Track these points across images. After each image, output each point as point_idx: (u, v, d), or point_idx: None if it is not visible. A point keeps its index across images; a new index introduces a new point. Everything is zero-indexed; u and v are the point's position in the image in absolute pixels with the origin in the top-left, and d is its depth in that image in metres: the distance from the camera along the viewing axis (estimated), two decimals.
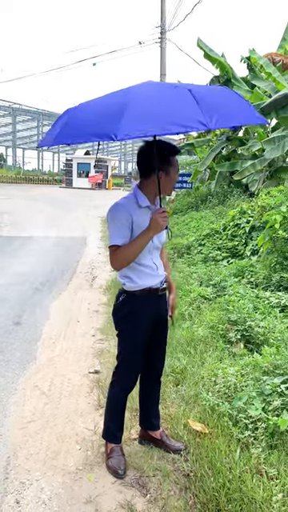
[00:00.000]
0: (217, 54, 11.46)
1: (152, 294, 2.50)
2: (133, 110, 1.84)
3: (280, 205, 6.21)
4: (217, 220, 10.03)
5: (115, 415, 2.68)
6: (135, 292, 2.47)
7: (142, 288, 2.47)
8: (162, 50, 18.95)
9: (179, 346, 4.10)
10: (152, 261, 2.50)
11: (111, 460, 2.61)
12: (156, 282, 2.51)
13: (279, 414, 2.71)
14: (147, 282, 2.47)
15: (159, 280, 2.52)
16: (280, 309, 4.69)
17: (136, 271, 2.45)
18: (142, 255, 2.41)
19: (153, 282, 2.49)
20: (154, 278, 2.50)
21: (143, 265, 2.45)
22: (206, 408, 3.01)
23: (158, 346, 2.70)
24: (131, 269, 2.44)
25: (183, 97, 1.99)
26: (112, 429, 2.68)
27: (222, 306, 4.62)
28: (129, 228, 2.33)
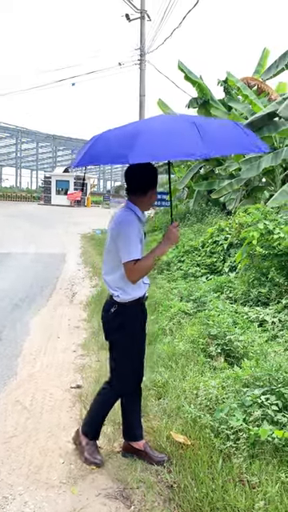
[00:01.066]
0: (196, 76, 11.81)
1: (139, 303, 2.65)
2: (142, 137, 2.10)
3: (257, 222, 6.39)
4: (195, 237, 10.19)
5: (101, 416, 2.82)
6: (126, 303, 2.57)
7: (133, 299, 2.58)
8: (141, 71, 19.37)
9: (160, 361, 4.14)
10: None
11: (88, 452, 2.76)
12: (143, 291, 2.66)
13: (260, 425, 2.78)
14: (139, 292, 2.62)
15: (146, 289, 2.69)
16: (258, 323, 4.80)
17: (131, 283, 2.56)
18: None
19: (142, 292, 2.63)
20: (143, 289, 2.64)
21: None
22: (188, 420, 3.05)
23: (143, 354, 2.80)
24: (126, 280, 2.52)
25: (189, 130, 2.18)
26: (97, 428, 2.83)
27: (202, 320, 4.70)
28: (140, 242, 2.49)
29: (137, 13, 19.23)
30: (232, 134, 2.35)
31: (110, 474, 2.68)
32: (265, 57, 12.86)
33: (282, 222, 6.03)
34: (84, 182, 39.03)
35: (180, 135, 2.17)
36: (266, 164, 8.30)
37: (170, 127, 2.25)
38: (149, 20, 19.46)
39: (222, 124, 2.65)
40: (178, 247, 9.61)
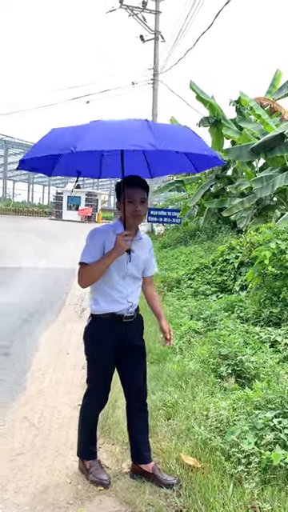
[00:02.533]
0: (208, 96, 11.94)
1: (115, 319, 2.60)
2: (91, 131, 2.15)
3: (269, 241, 6.36)
4: (206, 255, 10.18)
5: (89, 433, 2.81)
6: (99, 315, 2.60)
7: (105, 312, 2.59)
8: (154, 90, 19.66)
9: (170, 380, 4.09)
10: (124, 287, 2.61)
11: (93, 474, 2.72)
12: (121, 308, 2.60)
13: (272, 449, 2.71)
14: (112, 306, 2.58)
15: (125, 307, 2.61)
16: (270, 344, 4.73)
17: (104, 294, 2.59)
18: (115, 280, 2.57)
19: (118, 307, 2.59)
20: (120, 305, 2.60)
21: (113, 289, 2.58)
22: (198, 442, 2.99)
23: (131, 375, 2.75)
24: (100, 291, 2.59)
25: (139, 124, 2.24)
26: (89, 446, 2.81)
27: (212, 340, 4.65)
28: (99, 250, 2.52)
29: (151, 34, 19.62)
30: (185, 134, 2.41)
31: (117, 495, 2.62)
32: (277, 78, 13.00)
33: None
34: (87, 197, 39.09)
35: (130, 128, 2.24)
36: (280, 183, 8.30)
37: (123, 122, 2.32)
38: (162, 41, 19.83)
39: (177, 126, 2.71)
40: (189, 264, 9.59)
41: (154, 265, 2.87)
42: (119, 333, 2.62)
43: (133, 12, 19.34)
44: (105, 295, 2.59)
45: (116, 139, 2.13)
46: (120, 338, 2.63)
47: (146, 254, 2.74)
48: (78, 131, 2.17)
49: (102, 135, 2.14)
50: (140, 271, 2.71)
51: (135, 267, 2.64)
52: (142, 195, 2.57)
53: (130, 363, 2.73)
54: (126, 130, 2.21)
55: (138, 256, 2.63)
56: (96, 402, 2.79)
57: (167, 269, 9.89)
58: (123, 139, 2.13)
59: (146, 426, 2.85)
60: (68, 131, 2.27)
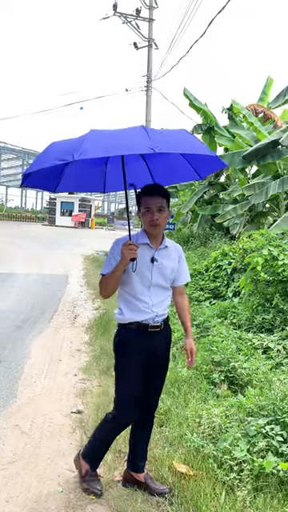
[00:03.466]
0: (201, 103, 12.03)
1: (141, 329, 2.54)
2: (90, 139, 2.16)
3: (261, 248, 6.39)
4: (199, 261, 10.20)
5: (104, 445, 2.73)
6: (125, 325, 2.57)
7: (130, 321, 2.54)
8: (147, 97, 19.76)
9: (163, 387, 4.07)
10: (150, 297, 2.55)
11: (87, 482, 2.70)
12: (146, 317, 2.54)
13: (264, 456, 2.71)
14: (135, 315, 2.53)
15: (150, 316, 2.54)
16: (262, 350, 4.74)
17: (128, 304, 2.56)
18: (139, 290, 2.53)
19: (142, 316, 2.53)
20: (145, 314, 2.53)
21: (137, 299, 2.54)
22: (191, 449, 2.98)
23: (150, 386, 2.69)
24: (124, 301, 2.57)
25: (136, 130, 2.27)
26: (97, 456, 2.74)
27: (205, 346, 4.65)
28: (117, 261, 2.47)
29: (144, 41, 19.74)
30: (182, 135, 2.42)
31: (109, 504, 2.60)
32: (269, 85, 13.12)
33: (286, 248, 6.02)
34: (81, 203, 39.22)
35: (128, 135, 2.26)
36: (273, 191, 8.36)
37: (120, 130, 2.35)
38: (156, 48, 19.97)
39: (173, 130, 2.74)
40: None
41: (185, 274, 2.76)
42: (146, 342, 2.56)
43: (126, 19, 19.48)
44: (129, 304, 2.55)
45: (114, 146, 2.15)
46: (147, 347, 2.57)
47: (174, 262, 2.65)
48: (77, 141, 2.21)
49: (100, 143, 2.16)
50: (168, 280, 2.62)
51: (161, 276, 2.57)
52: (159, 203, 2.51)
53: (152, 374, 2.65)
54: (124, 137, 2.23)
55: (163, 265, 2.57)
56: (120, 421, 2.64)
57: None
58: (121, 145, 2.15)
59: (149, 438, 2.83)
60: (67, 142, 2.31)
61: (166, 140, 2.24)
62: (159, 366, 2.68)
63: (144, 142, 2.09)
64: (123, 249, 2.40)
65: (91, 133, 2.26)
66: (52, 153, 2.30)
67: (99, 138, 2.20)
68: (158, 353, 2.63)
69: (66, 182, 2.80)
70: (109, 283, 2.51)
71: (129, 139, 2.19)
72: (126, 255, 2.39)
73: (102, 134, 2.28)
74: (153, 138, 2.13)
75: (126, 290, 2.57)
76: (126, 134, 2.29)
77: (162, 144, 2.11)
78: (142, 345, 2.56)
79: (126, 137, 2.24)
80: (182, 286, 2.79)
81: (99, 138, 2.21)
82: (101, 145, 2.14)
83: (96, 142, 2.15)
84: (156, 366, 2.65)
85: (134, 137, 2.20)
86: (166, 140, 2.24)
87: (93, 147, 2.10)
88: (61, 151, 2.18)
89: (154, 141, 2.09)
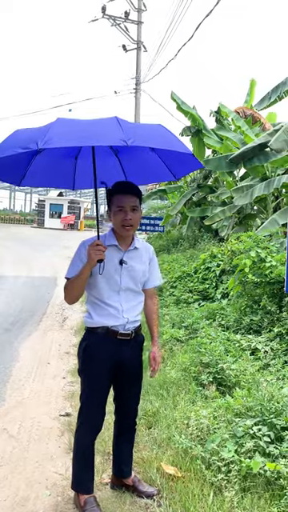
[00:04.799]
0: (188, 106, 12.09)
1: (109, 335, 2.43)
2: (57, 127, 2.02)
3: (249, 250, 6.44)
4: (188, 263, 10.23)
5: (84, 463, 2.54)
6: (93, 329, 2.45)
7: (98, 326, 2.42)
8: (136, 100, 19.80)
9: (151, 389, 4.09)
10: (119, 302, 2.44)
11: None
12: (116, 323, 2.43)
13: (251, 457, 2.73)
14: (104, 320, 2.42)
15: (121, 322, 2.43)
16: (250, 351, 4.77)
17: (96, 308, 2.45)
18: (107, 294, 2.41)
19: (111, 322, 2.42)
20: (115, 319, 2.42)
21: (106, 303, 2.43)
22: (179, 451, 2.99)
23: (126, 392, 2.61)
24: (93, 305, 2.46)
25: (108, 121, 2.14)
26: (83, 478, 2.53)
27: (194, 348, 4.66)
28: (83, 263, 2.33)
29: (133, 44, 19.80)
30: (157, 131, 2.28)
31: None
32: (252, 87, 13.25)
33: (273, 250, 6.08)
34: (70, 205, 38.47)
35: (99, 125, 2.12)
36: (259, 192, 8.43)
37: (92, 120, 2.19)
38: (145, 51, 20.02)
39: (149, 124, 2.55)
40: (171, 273, 9.62)
41: (156, 276, 2.64)
42: (113, 349, 2.44)
43: (115, 22, 19.51)
44: (98, 308, 2.44)
45: (83, 136, 2.00)
46: (115, 355, 2.44)
47: (145, 265, 2.54)
48: (42, 129, 2.06)
49: (67, 132, 2.01)
50: (139, 284, 2.51)
51: (132, 280, 2.45)
52: (133, 203, 2.39)
53: (127, 381, 2.57)
54: (94, 127, 2.09)
55: (133, 267, 2.46)
56: (89, 426, 2.52)
57: None
58: (91, 136, 2.00)
59: (132, 444, 2.78)
60: (32, 130, 2.16)
61: (140, 133, 2.12)
62: (130, 374, 2.56)
63: (116, 134, 1.95)
64: (90, 249, 2.26)
65: (58, 120, 2.11)
66: (14, 140, 2.12)
67: (67, 127, 2.06)
68: (125, 362, 2.50)
69: (33, 176, 2.59)
70: (74, 287, 2.36)
71: (100, 129, 2.05)
72: (93, 256, 2.25)
73: (71, 122, 2.13)
74: (126, 130, 2.00)
75: (92, 295, 2.46)
76: (97, 124, 2.13)
77: (136, 137, 1.97)
78: (109, 352, 2.44)
79: (97, 127, 2.09)
80: (153, 289, 2.68)
81: (67, 126, 2.07)
82: (69, 134, 2.00)
83: (63, 130, 2.02)
84: (127, 374, 2.54)
85: (105, 127, 2.07)
86: (140, 133, 2.12)
87: (59, 136, 1.95)
88: (24, 139, 2.03)
89: (127, 133, 1.96)
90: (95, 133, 2.03)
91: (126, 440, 2.75)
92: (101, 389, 2.49)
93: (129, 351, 2.50)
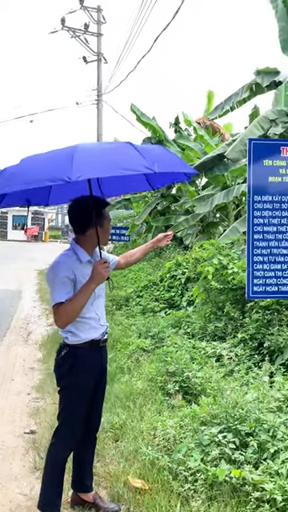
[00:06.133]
0: (148, 117, 12.24)
1: (94, 346, 2.49)
2: (80, 157, 1.99)
3: (212, 257, 6.54)
4: (154, 272, 10.27)
5: (56, 480, 2.50)
6: (77, 345, 2.44)
7: (85, 341, 2.45)
8: (98, 111, 19.85)
9: (118, 401, 4.05)
10: (95, 312, 2.49)
11: None
12: (98, 333, 2.50)
13: (217, 464, 2.74)
14: (90, 334, 2.46)
15: (101, 331, 2.52)
16: (216, 358, 4.82)
17: (78, 324, 2.42)
18: (86, 308, 2.39)
19: (95, 334, 2.48)
20: (97, 330, 2.49)
21: (87, 317, 2.44)
22: (146, 463, 2.97)
23: (98, 401, 2.65)
24: (74, 323, 2.39)
25: (125, 148, 2.20)
26: (52, 497, 2.48)
27: (160, 357, 4.66)
28: (70, 284, 2.33)
29: (94, 55, 19.87)
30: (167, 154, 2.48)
31: None
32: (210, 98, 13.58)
33: (235, 257, 6.20)
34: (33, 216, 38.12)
35: (119, 151, 2.19)
36: (219, 201, 8.61)
37: (106, 145, 2.28)
38: (105, 62, 20.13)
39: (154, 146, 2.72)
40: (137, 282, 9.64)
41: (113, 257, 2.82)
42: (98, 358, 2.53)
43: (75, 34, 19.53)
44: (80, 325, 2.42)
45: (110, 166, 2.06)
46: (99, 364, 2.54)
47: None
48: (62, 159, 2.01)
49: (93, 161, 2.05)
50: (110, 288, 2.65)
51: (101, 287, 2.52)
52: None
53: (100, 389, 2.62)
54: (117, 156, 2.14)
55: None
56: (70, 441, 2.52)
57: (116, 287, 9.87)
58: (117, 166, 2.05)
59: (94, 456, 2.77)
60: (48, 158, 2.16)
61: (160, 160, 2.20)
62: (104, 383, 2.65)
63: (139, 161, 2.05)
64: (100, 268, 2.28)
65: (79, 148, 2.09)
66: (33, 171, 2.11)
67: (90, 157, 2.07)
68: (104, 368, 2.62)
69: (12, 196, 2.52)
70: (77, 308, 2.30)
71: (123, 158, 2.11)
72: (104, 274, 2.29)
73: (92, 151, 2.17)
74: (146, 156, 2.09)
75: None
76: (118, 151, 2.20)
77: (158, 164, 2.08)
78: (96, 362, 2.52)
79: (119, 156, 2.14)
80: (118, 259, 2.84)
81: (90, 156, 2.08)
82: (94, 164, 2.04)
83: (89, 160, 2.02)
84: (102, 383, 2.62)
85: (127, 156, 2.12)
86: (160, 160, 2.20)
87: (86, 166, 1.96)
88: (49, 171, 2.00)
89: (149, 160, 2.05)
90: (120, 162, 2.08)
91: (90, 451, 2.73)
92: (86, 402, 2.51)
93: (105, 357, 2.63)
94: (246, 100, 8.22)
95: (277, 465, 2.59)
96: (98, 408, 2.68)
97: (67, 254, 2.44)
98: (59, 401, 2.55)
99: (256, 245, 4.31)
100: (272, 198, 4.30)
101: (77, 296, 2.30)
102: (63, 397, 2.52)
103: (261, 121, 6.81)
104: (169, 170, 2.36)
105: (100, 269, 2.30)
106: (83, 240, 2.47)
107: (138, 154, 2.10)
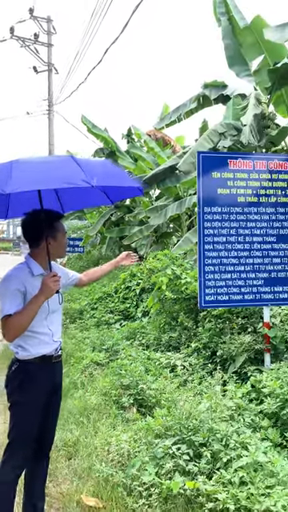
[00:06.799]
0: (100, 129, 12.28)
1: (46, 361, 2.44)
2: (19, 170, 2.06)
3: (166, 268, 6.59)
4: (109, 283, 10.21)
5: (6, 503, 2.40)
6: (29, 360, 2.39)
7: (36, 356, 2.40)
8: (49, 121, 19.68)
9: (71, 417, 3.97)
10: (48, 327, 2.45)
11: None
12: (51, 349, 2.45)
13: (172, 477, 2.74)
14: (41, 349, 2.42)
15: (54, 347, 2.47)
16: (170, 369, 4.83)
17: (29, 339, 2.38)
18: (37, 322, 2.36)
19: (47, 349, 2.44)
20: (49, 346, 2.45)
21: (37, 332, 2.40)
22: (100, 480, 2.92)
23: (51, 418, 2.58)
24: (23, 337, 2.36)
25: (66, 162, 2.25)
26: None
27: (114, 370, 4.62)
28: (21, 297, 2.32)
29: (44, 66, 19.73)
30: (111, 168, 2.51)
31: None
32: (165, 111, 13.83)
33: (188, 267, 6.29)
34: None
35: (58, 165, 2.25)
36: (172, 212, 8.73)
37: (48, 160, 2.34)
38: (56, 73, 20.03)
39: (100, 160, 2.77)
40: (92, 294, 9.54)
41: (73, 273, 2.83)
42: (50, 375, 2.47)
43: (24, 43, 19.31)
44: (30, 339, 2.37)
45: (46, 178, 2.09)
46: (51, 380, 2.48)
47: (64, 280, 2.63)
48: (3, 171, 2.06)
49: (29, 174, 2.08)
50: (59, 302, 2.54)
51: (56, 301, 2.48)
52: None
53: (54, 406, 2.55)
54: (55, 169, 2.17)
55: None
56: (21, 460, 2.42)
57: (70, 300, 9.73)
58: (54, 178, 2.09)
59: (46, 476, 2.68)
60: None
61: (99, 172, 2.24)
62: (58, 399, 2.59)
63: (78, 175, 2.06)
64: (48, 281, 2.27)
65: (18, 162, 2.14)
66: None
67: (28, 169, 2.12)
68: (58, 385, 2.56)
69: None
70: (25, 322, 2.27)
71: (61, 171, 2.14)
72: (53, 287, 2.29)
73: (31, 164, 2.21)
74: (86, 170, 2.10)
75: None
76: (57, 165, 2.24)
77: (97, 176, 2.10)
78: (48, 378, 2.46)
79: (58, 169, 2.18)
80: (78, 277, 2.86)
81: (28, 168, 2.12)
82: (31, 177, 2.07)
83: (25, 173, 2.07)
84: (55, 400, 2.56)
85: (65, 169, 2.15)
86: (99, 172, 2.24)
87: (23, 179, 2.01)
88: None
89: (88, 173, 2.07)
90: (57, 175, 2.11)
91: (42, 471, 2.64)
92: (37, 419, 2.44)
93: (59, 372, 2.57)
94: (193, 111, 8.42)
95: (229, 474, 2.61)
96: (50, 426, 2.60)
97: (20, 267, 2.44)
98: (10, 417, 2.47)
99: (207, 255, 4.39)
100: (221, 209, 4.41)
101: (25, 309, 2.29)
102: (13, 413, 2.44)
103: (210, 134, 6.99)
104: (112, 183, 2.41)
105: (49, 282, 2.29)
106: (36, 253, 2.47)
107: (77, 167, 2.12)
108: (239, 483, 2.54)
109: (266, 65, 6.95)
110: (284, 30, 5.88)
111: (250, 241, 4.44)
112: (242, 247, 4.42)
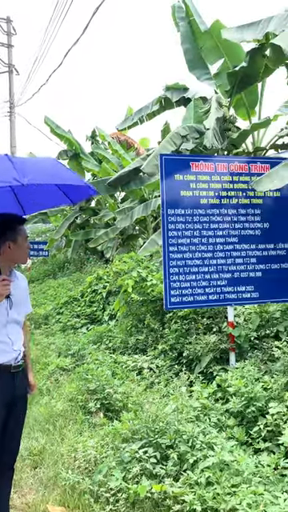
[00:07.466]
0: (63, 130, 12.15)
1: (3, 371, 2.37)
2: None
3: (131, 270, 6.58)
4: (75, 287, 10.12)
5: None
6: None
7: None
8: (11, 123, 19.35)
9: (37, 425, 3.89)
10: (7, 336, 2.40)
11: None
12: (9, 358, 2.40)
13: (139, 481, 2.72)
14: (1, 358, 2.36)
15: (13, 356, 2.42)
16: (137, 372, 4.82)
17: None
18: None
19: (4, 358, 2.38)
20: (8, 354, 2.39)
21: None
22: (67, 488, 2.87)
23: (13, 429, 2.49)
24: None
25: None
26: None
27: (81, 375, 4.55)
28: None
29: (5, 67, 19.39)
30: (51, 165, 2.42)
31: None
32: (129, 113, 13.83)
33: (153, 269, 6.30)
34: None
35: None
36: (138, 214, 8.73)
37: None
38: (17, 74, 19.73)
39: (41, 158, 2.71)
40: (57, 298, 9.41)
41: (29, 304, 2.69)
42: (9, 385, 2.38)
43: None
44: None
45: None
46: (11, 390, 2.39)
47: (26, 292, 2.58)
48: None
49: None
50: (22, 314, 2.52)
51: (17, 311, 2.43)
52: None
53: (15, 417, 2.47)
54: None
55: (18, 299, 2.45)
56: None
57: (34, 305, 9.57)
58: None
59: (11, 488, 2.59)
60: None
61: (34, 170, 2.18)
62: (21, 410, 2.51)
63: (9, 174, 2.00)
64: None
65: None
66: None
67: None
68: (20, 395, 2.48)
69: None
70: None
71: None
72: (3, 292, 2.24)
73: None
74: (20, 168, 2.04)
75: None
76: None
77: (31, 175, 2.04)
78: (5, 388, 2.38)
79: None
80: (25, 315, 2.68)
81: None
82: None
83: None
84: (16, 409, 2.48)
85: None
86: (34, 170, 2.18)
87: None
88: None
89: (20, 172, 2.01)
90: None
91: (6, 483, 2.55)
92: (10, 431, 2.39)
93: (20, 383, 2.48)
94: (155, 114, 8.47)
95: (196, 475, 2.62)
96: (12, 437, 2.52)
97: None
98: None
99: (171, 257, 4.40)
100: (184, 211, 4.43)
101: None
102: None
103: (173, 136, 7.03)
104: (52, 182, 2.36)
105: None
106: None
107: (11, 166, 2.08)
108: (206, 484, 2.55)
109: (225, 68, 7.07)
110: (242, 31, 5.97)
111: (213, 242, 4.49)
112: (205, 248, 4.47)
